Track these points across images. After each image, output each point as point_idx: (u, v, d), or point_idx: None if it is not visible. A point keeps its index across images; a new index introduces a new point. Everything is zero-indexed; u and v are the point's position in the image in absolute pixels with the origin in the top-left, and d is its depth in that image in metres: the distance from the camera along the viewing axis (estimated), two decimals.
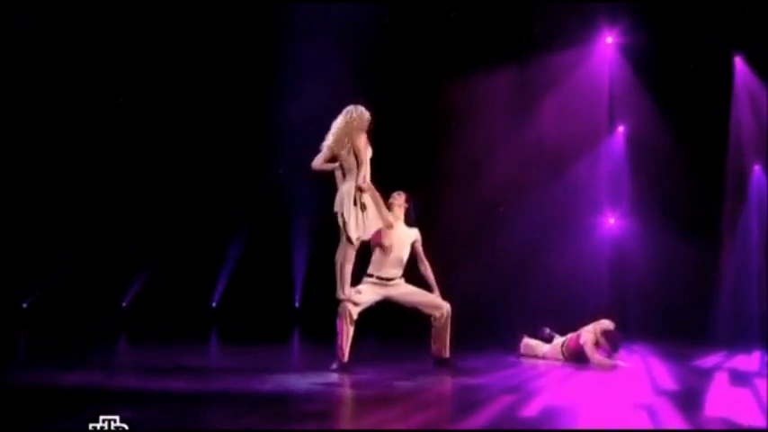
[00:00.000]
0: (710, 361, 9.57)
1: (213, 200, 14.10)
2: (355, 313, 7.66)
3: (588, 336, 8.84)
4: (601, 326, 8.92)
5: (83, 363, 8.23)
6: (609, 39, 13.72)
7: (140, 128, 13.78)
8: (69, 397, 6.12)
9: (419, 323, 8.25)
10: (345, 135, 7.61)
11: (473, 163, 13.45)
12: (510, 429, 5.33)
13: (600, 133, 13.80)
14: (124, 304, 14.33)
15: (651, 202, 13.21)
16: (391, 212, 8.05)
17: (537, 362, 9.17)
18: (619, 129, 13.90)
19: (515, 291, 12.97)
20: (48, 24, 12.92)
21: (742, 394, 6.88)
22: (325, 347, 7.78)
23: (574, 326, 9.20)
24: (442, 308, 8.00)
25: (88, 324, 12.88)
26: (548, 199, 13.33)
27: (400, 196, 8.14)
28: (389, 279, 7.98)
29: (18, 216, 13.18)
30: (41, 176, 13.36)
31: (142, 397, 6.11)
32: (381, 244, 7.85)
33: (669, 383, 7.57)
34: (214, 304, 14.68)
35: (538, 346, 9.53)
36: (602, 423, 5.53)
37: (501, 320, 12.09)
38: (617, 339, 8.88)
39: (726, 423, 5.58)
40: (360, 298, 7.73)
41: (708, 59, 12.90)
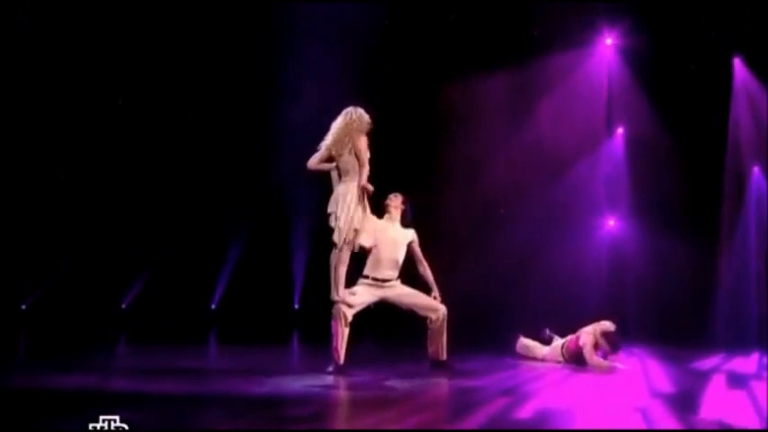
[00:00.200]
0: (709, 363, 9.56)
1: (213, 201, 14.09)
2: (350, 315, 7.64)
3: (587, 338, 8.83)
4: (601, 327, 8.90)
5: (82, 364, 8.26)
6: (609, 40, 13.70)
7: (140, 128, 13.78)
8: (69, 398, 6.13)
9: (417, 325, 8.22)
10: (345, 136, 7.62)
11: (473, 164, 13.42)
12: (503, 430, 5.33)
13: (599, 134, 13.78)
14: (124, 306, 14.32)
15: (650, 204, 13.18)
16: (387, 214, 8.08)
17: (535, 364, 9.16)
18: (618, 130, 13.88)
19: (515, 292, 12.94)
20: (48, 24, 12.93)
21: (738, 396, 6.87)
22: (324, 349, 7.78)
23: (573, 327, 9.18)
24: (438, 310, 7.98)
25: (88, 325, 12.89)
26: (547, 200, 13.31)
27: (396, 198, 8.15)
28: (385, 280, 7.96)
29: (18, 216, 13.18)
30: (41, 176, 13.36)
31: (137, 398, 6.11)
32: (362, 246, 7.79)
33: (666, 386, 7.55)
34: (213, 306, 14.67)
35: (536, 348, 9.52)
36: (595, 425, 5.52)
37: (500, 321, 12.06)
38: (617, 341, 8.86)
39: (719, 425, 5.57)
40: (355, 300, 7.71)
41: (707, 61, 12.88)
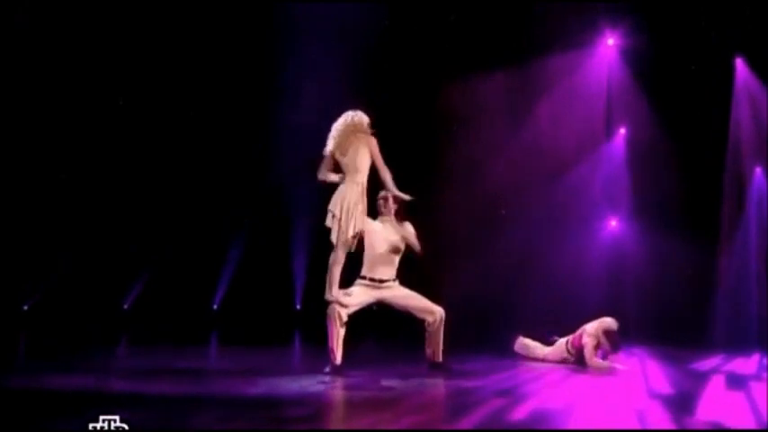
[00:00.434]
0: (708, 364, 9.54)
1: (213, 201, 14.09)
2: (345, 315, 7.61)
3: (589, 339, 8.81)
4: (603, 324, 8.87)
5: (83, 364, 8.27)
6: (610, 41, 13.68)
7: (140, 128, 13.78)
8: (69, 398, 6.14)
9: (417, 325, 8.20)
10: (346, 138, 7.62)
11: (473, 164, 13.41)
12: (499, 431, 5.32)
13: (600, 135, 13.76)
14: (125, 306, 14.34)
15: (650, 204, 13.16)
16: (380, 215, 8.05)
17: (534, 364, 9.14)
18: (619, 131, 13.86)
19: (515, 292, 12.93)
20: (48, 24, 12.94)
21: (736, 398, 6.85)
22: (324, 350, 7.76)
23: (573, 327, 9.16)
24: (435, 313, 7.96)
25: (89, 326, 12.90)
26: (548, 200, 13.30)
27: (387, 197, 8.04)
28: (382, 281, 7.93)
29: (18, 217, 13.19)
30: (41, 176, 13.37)
31: (137, 399, 6.11)
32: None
33: (665, 386, 7.53)
34: (215, 306, 14.68)
35: (537, 348, 9.49)
36: (593, 426, 5.51)
37: (500, 321, 12.05)
38: (617, 341, 8.84)
39: (716, 426, 5.55)
40: (350, 300, 7.68)
41: (708, 61, 12.85)
